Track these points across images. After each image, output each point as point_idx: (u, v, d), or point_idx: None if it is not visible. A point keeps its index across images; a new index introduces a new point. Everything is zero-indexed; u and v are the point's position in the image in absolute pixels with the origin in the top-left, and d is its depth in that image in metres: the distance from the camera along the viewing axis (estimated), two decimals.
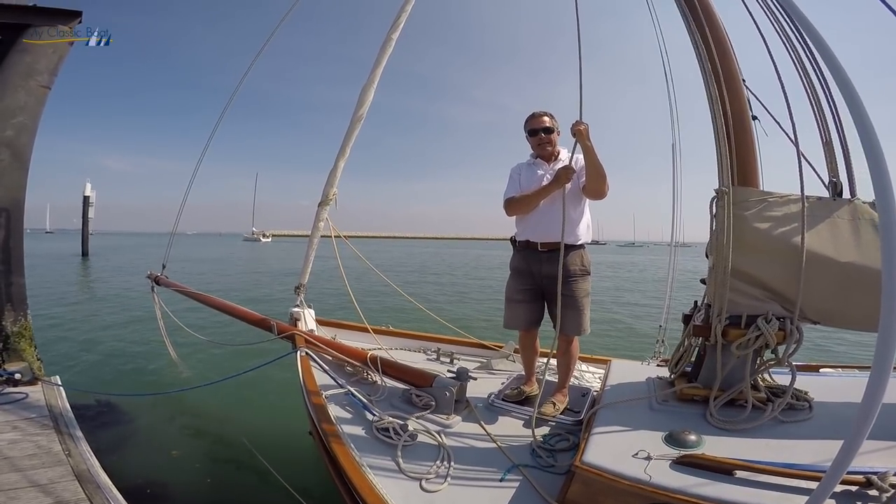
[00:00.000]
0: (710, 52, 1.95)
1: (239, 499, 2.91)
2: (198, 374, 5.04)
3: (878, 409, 0.81)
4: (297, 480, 2.54)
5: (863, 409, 0.82)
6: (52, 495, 2.28)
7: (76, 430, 3.02)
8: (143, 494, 2.78)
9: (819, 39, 0.94)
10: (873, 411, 0.81)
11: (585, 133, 2.11)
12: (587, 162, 2.23)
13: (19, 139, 4.99)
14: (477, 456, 1.92)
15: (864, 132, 0.83)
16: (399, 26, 2.83)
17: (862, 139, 0.83)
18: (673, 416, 1.79)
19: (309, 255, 3.15)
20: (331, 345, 2.83)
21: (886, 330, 0.78)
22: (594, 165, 2.21)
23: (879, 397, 0.80)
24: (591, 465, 1.46)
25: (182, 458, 3.32)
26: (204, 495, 2.89)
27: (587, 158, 2.21)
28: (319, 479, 2.44)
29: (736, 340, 1.77)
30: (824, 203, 1.86)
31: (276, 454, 3.05)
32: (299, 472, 2.87)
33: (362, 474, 1.69)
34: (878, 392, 0.80)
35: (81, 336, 7.06)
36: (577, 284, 2.35)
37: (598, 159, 2.20)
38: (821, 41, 0.93)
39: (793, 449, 1.49)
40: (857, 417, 0.82)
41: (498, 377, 2.90)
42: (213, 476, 3.08)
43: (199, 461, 3.30)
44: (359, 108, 2.87)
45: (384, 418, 2.11)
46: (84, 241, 27.36)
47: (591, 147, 2.15)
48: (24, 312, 4.69)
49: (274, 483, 2.54)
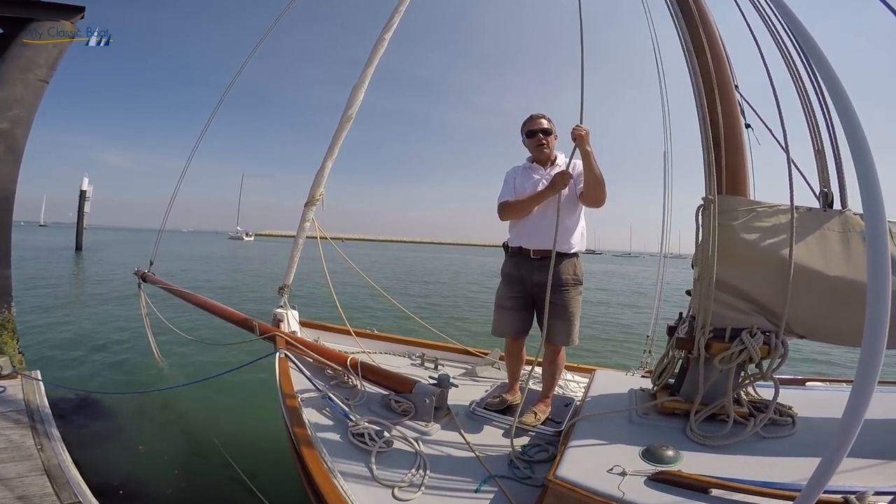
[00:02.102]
0: (702, 55, 1.91)
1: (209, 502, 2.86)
2: (180, 373, 4.98)
3: (860, 427, 0.77)
4: (269, 486, 2.50)
5: (843, 427, 0.78)
6: (17, 489, 2.25)
7: (51, 426, 2.98)
8: (114, 492, 2.73)
9: (813, 45, 0.91)
10: (854, 429, 0.77)
11: (586, 138, 2.06)
12: (586, 168, 2.16)
13: (13, 132, 4.98)
14: (454, 465, 1.87)
15: (854, 141, 0.79)
16: (392, 26, 2.80)
17: (852, 148, 0.80)
18: (652, 430, 1.74)
19: (294, 255, 3.11)
20: (312, 347, 2.78)
21: (870, 344, 0.75)
22: (593, 172, 2.14)
23: (861, 414, 0.76)
24: (564, 479, 1.41)
25: (157, 458, 3.27)
26: (176, 496, 2.83)
27: (586, 164, 2.14)
28: (293, 484, 2.40)
29: (719, 354, 1.72)
30: (814, 214, 1.81)
31: (251, 458, 3.01)
32: (273, 477, 2.83)
33: (331, 480, 1.64)
34: (860, 409, 0.76)
35: (65, 330, 6.98)
36: (569, 294, 2.30)
37: (597, 165, 2.14)
38: (814, 47, 0.90)
39: (772, 466, 1.45)
40: (837, 435, 0.79)
41: (482, 385, 2.85)
42: (186, 477, 3.03)
43: (174, 461, 3.25)
44: (348, 109, 2.84)
45: (360, 423, 2.06)
46: (78, 235, 27.39)
47: (590, 152, 2.10)
48: (7, 305, 4.65)
49: (246, 488, 2.49)
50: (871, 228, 0.78)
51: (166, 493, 2.85)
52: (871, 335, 0.75)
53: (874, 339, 0.75)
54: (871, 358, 0.75)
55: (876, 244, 0.76)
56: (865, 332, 0.76)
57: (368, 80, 2.86)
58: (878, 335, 0.75)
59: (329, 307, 3.81)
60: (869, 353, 0.76)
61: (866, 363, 0.76)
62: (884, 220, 0.77)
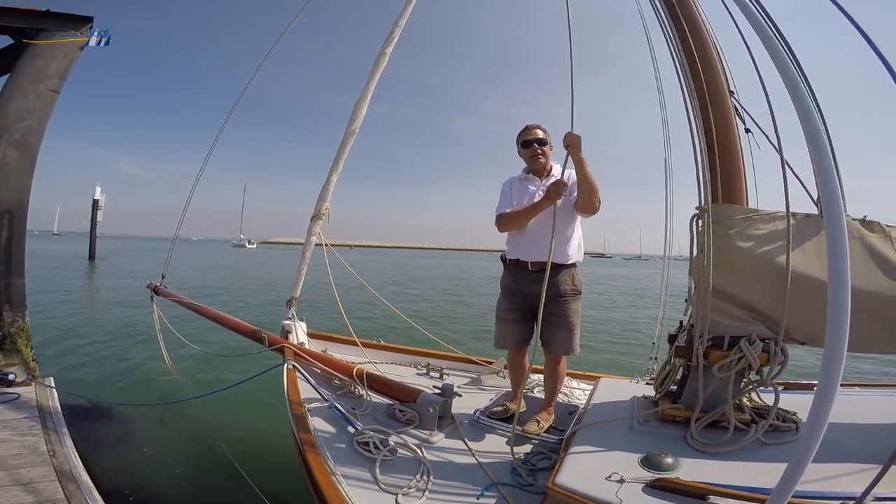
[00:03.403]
0: (693, 61, 1.91)
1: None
2: (192, 383, 5.05)
3: (824, 431, 0.78)
4: (277, 493, 2.52)
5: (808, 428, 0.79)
6: (32, 493, 2.31)
7: (64, 432, 3.05)
8: (125, 499, 2.78)
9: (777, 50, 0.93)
10: (818, 433, 0.78)
11: (577, 144, 2.04)
12: (578, 175, 2.15)
13: (27, 142, 5.08)
14: (457, 472, 1.90)
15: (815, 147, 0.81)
16: (393, 41, 2.85)
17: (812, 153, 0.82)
18: (653, 438, 1.75)
19: (301, 268, 3.15)
20: (319, 358, 2.83)
21: (832, 345, 0.76)
22: (587, 179, 2.14)
23: (825, 418, 0.78)
24: (563, 486, 1.43)
25: (166, 464, 3.32)
26: (186, 502, 2.87)
27: (578, 171, 2.13)
28: (300, 491, 2.44)
29: (717, 362, 1.73)
30: (812, 220, 1.81)
31: (260, 467, 3.05)
32: (281, 484, 2.87)
33: (335, 486, 1.67)
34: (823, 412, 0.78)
35: (79, 339, 7.09)
36: (569, 305, 2.31)
37: (590, 172, 2.13)
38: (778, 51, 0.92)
39: (771, 472, 1.45)
40: (803, 439, 0.80)
41: (487, 393, 2.87)
42: (196, 484, 3.09)
43: (184, 468, 3.30)
44: (352, 123, 2.88)
45: (365, 432, 2.10)
46: (91, 244, 27.80)
47: (583, 160, 2.09)
48: (22, 313, 4.74)
49: (255, 496, 2.53)
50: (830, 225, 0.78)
51: (176, 499, 2.89)
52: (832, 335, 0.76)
53: (836, 338, 0.76)
54: (833, 357, 0.77)
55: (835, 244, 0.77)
56: (827, 332, 0.77)
57: (371, 93, 2.91)
58: (840, 336, 0.76)
59: (332, 310, 3.87)
60: (831, 353, 0.77)
61: (828, 362, 0.78)
62: (842, 219, 0.79)
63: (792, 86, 0.85)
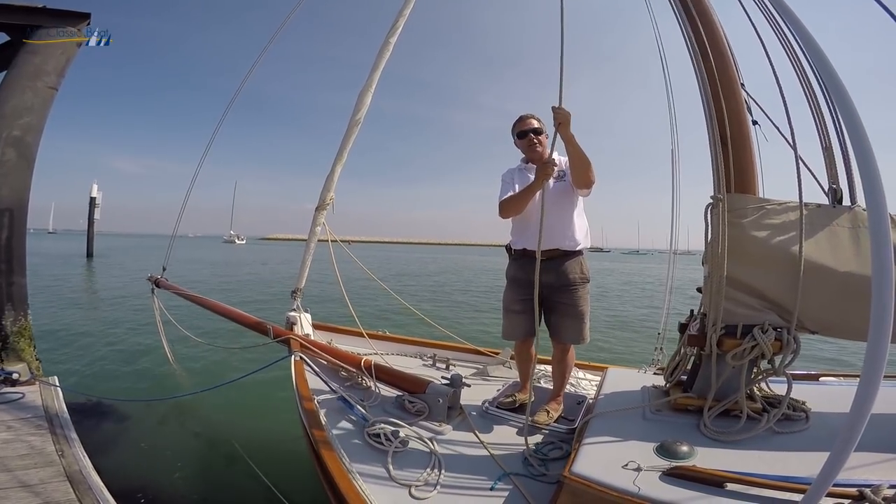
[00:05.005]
0: (706, 55, 1.92)
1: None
2: (195, 376, 5.04)
3: (867, 421, 0.78)
4: (289, 486, 2.52)
5: (850, 420, 0.79)
6: (41, 496, 2.27)
7: (71, 431, 3.02)
8: (135, 497, 2.76)
9: (812, 43, 0.92)
10: (861, 422, 0.78)
11: (567, 120, 2.00)
12: (569, 151, 2.13)
13: (25, 139, 5.02)
14: (468, 463, 1.90)
15: (856, 138, 0.81)
16: (397, 30, 2.82)
17: (853, 145, 0.81)
18: (666, 427, 1.76)
19: (306, 259, 3.14)
20: (325, 349, 2.82)
21: (876, 338, 0.76)
22: (576, 153, 2.12)
23: (868, 407, 0.78)
24: (580, 475, 1.43)
25: (176, 462, 3.31)
26: (197, 499, 2.87)
27: (568, 148, 2.12)
28: (311, 485, 2.43)
29: (731, 351, 1.74)
30: (824, 210, 1.82)
31: (270, 460, 3.04)
32: (292, 477, 2.87)
33: (350, 480, 1.67)
34: (868, 402, 0.78)
35: (82, 337, 7.08)
36: (577, 293, 2.31)
37: (579, 147, 2.11)
38: (814, 44, 0.92)
39: (786, 461, 1.46)
40: (844, 428, 0.80)
41: (494, 384, 2.87)
42: (206, 480, 3.08)
43: (193, 464, 3.29)
44: (356, 113, 2.86)
45: (376, 424, 2.09)
46: (89, 242, 27.63)
47: (572, 136, 2.07)
48: (24, 312, 4.70)
49: (266, 490, 2.52)
50: (874, 222, 0.79)
51: (187, 496, 2.89)
52: (876, 326, 0.76)
53: (879, 329, 0.76)
54: (877, 349, 0.77)
55: (879, 237, 0.77)
56: (871, 324, 0.77)
57: (375, 83, 2.89)
58: (883, 326, 0.76)
59: (336, 302, 3.86)
60: (874, 344, 0.77)
61: (872, 354, 0.78)
62: (886, 215, 0.78)
63: (829, 79, 0.84)
